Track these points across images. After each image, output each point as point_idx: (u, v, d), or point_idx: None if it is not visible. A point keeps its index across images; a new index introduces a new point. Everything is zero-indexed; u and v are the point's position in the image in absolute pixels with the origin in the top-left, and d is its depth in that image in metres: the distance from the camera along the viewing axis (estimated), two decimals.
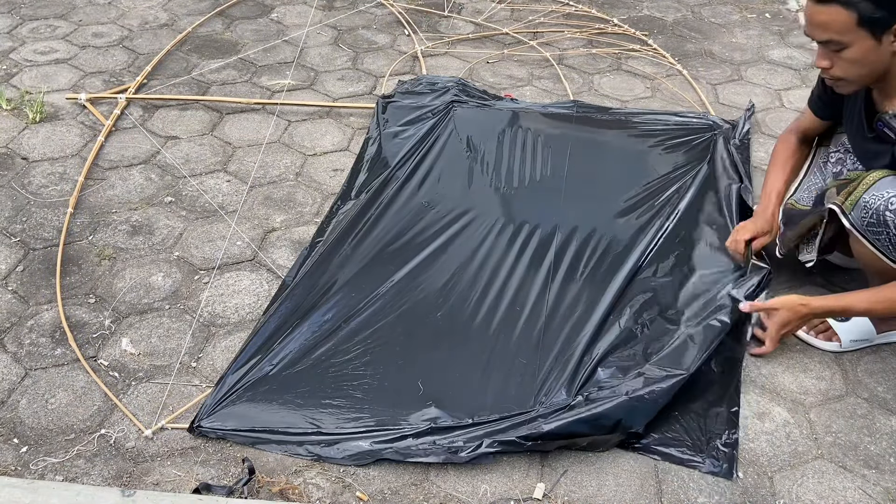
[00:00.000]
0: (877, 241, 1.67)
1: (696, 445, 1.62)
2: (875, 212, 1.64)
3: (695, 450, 1.61)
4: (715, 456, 1.60)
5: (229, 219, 2.23)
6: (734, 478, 1.57)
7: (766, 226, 1.97)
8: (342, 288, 1.94)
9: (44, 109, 2.65)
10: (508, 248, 2.10)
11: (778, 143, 2.09)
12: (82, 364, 1.76)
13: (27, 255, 2.07)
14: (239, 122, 2.70)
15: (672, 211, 2.23)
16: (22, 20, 3.31)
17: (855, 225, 1.68)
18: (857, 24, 1.52)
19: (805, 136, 2.04)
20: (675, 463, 1.60)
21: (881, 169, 1.68)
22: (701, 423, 1.66)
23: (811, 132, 2.03)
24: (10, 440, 1.59)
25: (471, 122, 2.60)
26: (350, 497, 1.51)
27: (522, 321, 1.88)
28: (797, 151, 2.05)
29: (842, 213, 1.70)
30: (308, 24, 3.39)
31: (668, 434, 1.64)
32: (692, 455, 1.61)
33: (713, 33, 3.52)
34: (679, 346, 1.77)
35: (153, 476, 1.53)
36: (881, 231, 1.64)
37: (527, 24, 3.50)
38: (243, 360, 1.74)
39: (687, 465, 1.59)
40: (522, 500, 1.53)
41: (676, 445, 1.62)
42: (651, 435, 1.64)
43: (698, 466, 1.59)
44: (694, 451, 1.61)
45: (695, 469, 1.59)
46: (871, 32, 1.52)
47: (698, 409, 1.69)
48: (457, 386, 1.71)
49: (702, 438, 1.63)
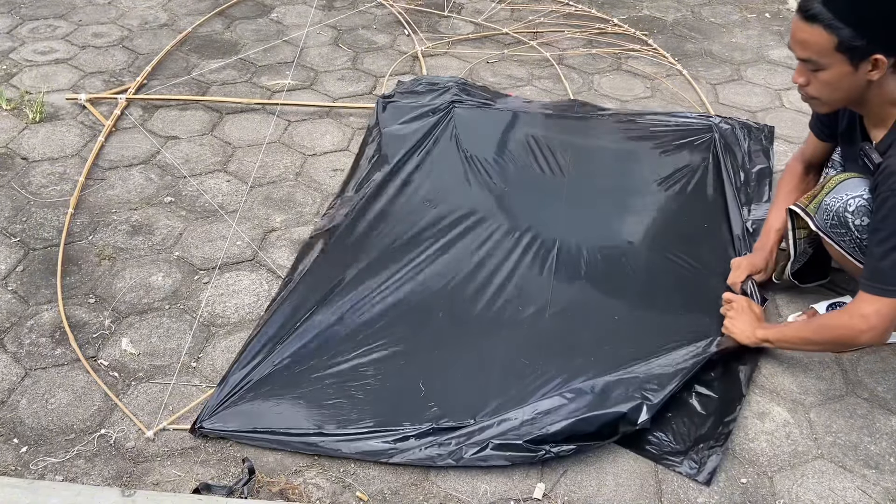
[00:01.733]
0: (842, 242, 1.70)
1: (678, 447, 1.61)
2: (835, 213, 1.67)
3: (675, 451, 1.61)
4: (695, 459, 1.59)
5: (229, 219, 2.23)
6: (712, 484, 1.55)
7: (763, 263, 1.96)
8: (344, 288, 1.94)
9: (44, 109, 2.65)
10: (509, 248, 2.10)
11: (784, 174, 2.07)
12: (82, 364, 1.76)
13: (27, 255, 2.07)
14: (239, 122, 2.70)
15: (672, 210, 2.23)
16: (22, 20, 3.31)
17: (819, 226, 1.72)
18: (835, 48, 1.52)
19: (811, 163, 2.02)
20: (652, 459, 1.60)
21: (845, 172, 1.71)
22: (691, 428, 1.65)
23: (816, 158, 2.00)
24: (10, 440, 1.59)
25: (471, 122, 2.60)
26: (350, 497, 1.52)
27: (524, 321, 1.88)
28: (802, 182, 2.02)
29: (806, 215, 1.73)
30: (308, 24, 3.39)
31: (657, 432, 1.64)
32: (670, 455, 1.60)
33: (713, 33, 3.52)
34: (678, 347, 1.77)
35: (153, 476, 1.53)
36: (844, 232, 1.68)
37: (527, 24, 3.50)
38: (245, 361, 1.74)
39: (661, 462, 1.59)
40: (522, 500, 1.53)
41: (658, 443, 1.62)
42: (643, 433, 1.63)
43: (674, 467, 1.58)
44: (674, 452, 1.61)
45: (670, 469, 1.58)
46: (849, 58, 1.53)
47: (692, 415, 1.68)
48: (458, 386, 1.71)
49: (687, 441, 1.62)
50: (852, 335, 1.61)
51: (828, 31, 1.51)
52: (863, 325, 1.58)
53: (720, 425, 1.65)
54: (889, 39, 1.49)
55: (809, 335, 1.72)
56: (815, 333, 1.70)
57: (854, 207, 1.65)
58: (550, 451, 1.55)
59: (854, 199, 1.65)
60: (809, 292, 2.03)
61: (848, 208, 1.65)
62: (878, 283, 1.56)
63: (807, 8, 1.53)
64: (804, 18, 1.54)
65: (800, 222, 1.81)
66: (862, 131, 1.71)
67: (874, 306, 1.56)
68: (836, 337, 1.65)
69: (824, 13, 1.50)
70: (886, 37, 1.49)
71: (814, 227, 1.74)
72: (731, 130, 2.56)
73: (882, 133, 1.63)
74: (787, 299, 2.03)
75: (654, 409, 1.61)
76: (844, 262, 1.76)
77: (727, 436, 1.63)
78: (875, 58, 1.51)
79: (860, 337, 1.60)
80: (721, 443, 1.61)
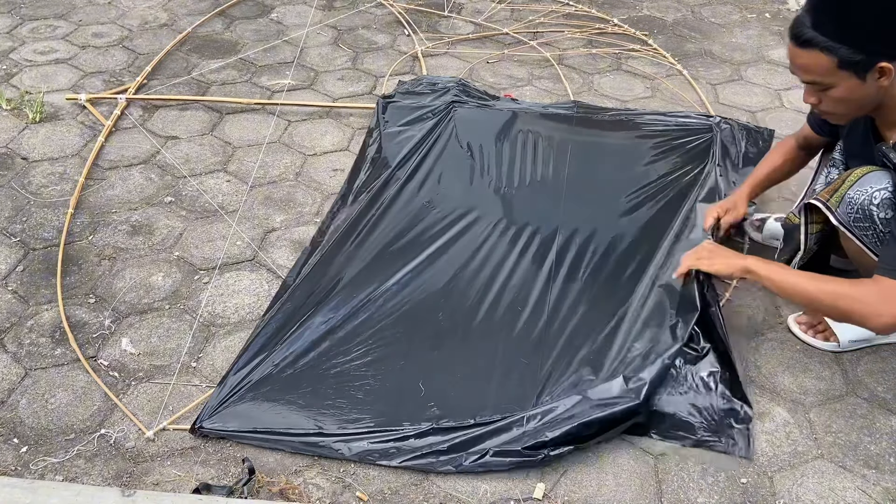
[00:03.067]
0: (864, 236, 1.67)
1: (710, 426, 1.66)
2: (860, 207, 1.64)
3: (710, 430, 1.65)
4: (730, 435, 1.64)
5: (229, 219, 2.23)
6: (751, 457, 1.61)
7: (730, 203, 2.04)
8: (344, 288, 1.94)
9: (44, 109, 2.65)
10: (510, 248, 2.10)
11: (776, 145, 2.10)
12: (82, 364, 1.76)
13: (27, 255, 2.07)
14: (239, 122, 2.70)
15: (672, 211, 2.23)
16: (22, 20, 3.31)
17: (841, 221, 1.68)
18: (838, 67, 1.52)
19: (806, 142, 2.03)
20: (693, 446, 1.63)
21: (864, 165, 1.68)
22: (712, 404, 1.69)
23: (812, 141, 2.01)
24: (10, 440, 1.59)
25: (471, 123, 2.60)
26: (350, 497, 1.52)
27: (524, 321, 1.88)
28: (791, 153, 2.05)
29: (827, 209, 1.70)
30: (308, 24, 3.39)
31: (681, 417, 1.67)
32: (709, 436, 1.64)
33: (713, 33, 3.52)
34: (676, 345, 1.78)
35: (153, 476, 1.53)
36: (868, 226, 1.65)
37: (527, 24, 3.50)
38: (245, 361, 1.74)
39: (702, 446, 1.63)
40: (522, 500, 1.53)
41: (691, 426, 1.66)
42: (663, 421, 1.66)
43: (715, 446, 1.63)
44: (709, 431, 1.65)
45: (712, 450, 1.62)
46: (855, 72, 1.52)
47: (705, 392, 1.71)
48: (458, 386, 1.71)
49: (714, 419, 1.66)
50: (866, 314, 1.54)
51: (825, 53, 1.51)
52: (882, 310, 1.52)
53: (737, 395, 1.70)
54: (887, 48, 1.49)
55: (814, 292, 1.62)
56: (822, 293, 1.61)
57: (879, 200, 1.60)
58: (549, 455, 1.56)
59: (879, 192, 1.60)
60: None
61: (873, 201, 1.61)
62: None
63: (799, 35, 1.53)
64: (799, 45, 1.54)
65: (816, 217, 1.77)
66: (874, 133, 1.70)
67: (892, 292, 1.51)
68: (848, 309, 1.57)
69: (818, 37, 1.50)
70: (883, 46, 1.49)
71: (835, 221, 1.68)
72: (731, 131, 2.56)
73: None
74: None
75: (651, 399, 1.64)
76: (862, 257, 1.72)
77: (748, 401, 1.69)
78: (881, 66, 1.50)
79: (875, 320, 1.54)
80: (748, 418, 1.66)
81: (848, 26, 1.47)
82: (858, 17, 1.46)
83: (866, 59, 1.50)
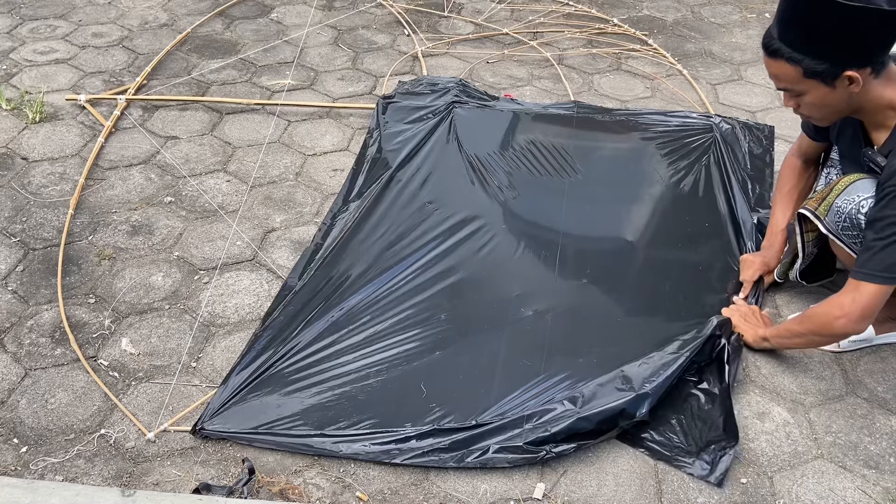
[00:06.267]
0: (853, 244, 1.69)
1: (689, 448, 1.61)
2: (847, 216, 1.66)
3: (687, 452, 1.61)
4: (706, 460, 1.59)
5: (229, 219, 2.23)
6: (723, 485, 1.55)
7: (775, 262, 2.00)
8: (345, 289, 1.94)
9: (44, 109, 2.65)
10: (511, 249, 2.10)
11: (783, 169, 2.07)
12: (82, 364, 1.76)
13: (27, 255, 2.07)
14: (239, 122, 2.70)
15: (674, 210, 2.23)
16: (22, 20, 3.31)
17: (830, 229, 1.71)
18: (804, 76, 1.56)
19: (807, 157, 2.02)
20: (663, 460, 1.60)
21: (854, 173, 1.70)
22: (702, 429, 1.64)
23: (811, 153, 2.01)
24: (10, 440, 1.59)
25: (471, 123, 2.60)
26: (350, 497, 1.51)
27: (526, 322, 1.88)
28: (802, 176, 2.03)
29: (815, 217, 1.73)
30: (308, 24, 3.39)
31: (665, 432, 1.64)
32: (681, 456, 1.60)
33: (713, 33, 3.52)
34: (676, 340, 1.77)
35: (153, 476, 1.53)
36: (856, 234, 1.67)
37: (527, 24, 3.50)
38: (247, 362, 1.74)
39: (673, 464, 1.59)
40: (522, 500, 1.53)
41: (668, 444, 1.62)
42: (648, 430, 1.64)
43: (685, 468, 1.58)
44: (686, 452, 1.61)
45: (681, 470, 1.58)
46: (822, 81, 1.56)
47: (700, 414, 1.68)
48: (460, 387, 1.71)
49: (699, 442, 1.62)
50: (827, 321, 1.63)
51: (790, 63, 1.55)
52: (837, 312, 1.60)
53: (728, 424, 1.65)
54: (848, 57, 1.51)
55: (795, 326, 1.74)
56: (799, 324, 1.73)
57: (867, 209, 1.63)
58: (551, 452, 1.55)
59: (866, 201, 1.63)
60: (811, 292, 2.03)
61: (861, 210, 1.63)
62: (863, 269, 1.56)
63: (767, 45, 1.59)
64: (768, 55, 1.59)
65: (809, 225, 1.80)
66: (864, 135, 1.71)
67: (852, 294, 1.58)
68: (815, 326, 1.67)
69: (783, 48, 1.55)
70: (844, 56, 1.51)
71: (824, 230, 1.72)
72: (732, 130, 2.56)
73: (884, 136, 1.63)
74: (787, 299, 2.03)
75: (653, 400, 1.62)
76: (851, 263, 1.73)
77: (737, 436, 1.62)
78: (847, 75, 1.52)
79: (835, 324, 1.61)
80: (732, 444, 1.60)
81: (808, 38, 1.51)
82: (818, 30, 1.50)
83: (830, 69, 1.53)
